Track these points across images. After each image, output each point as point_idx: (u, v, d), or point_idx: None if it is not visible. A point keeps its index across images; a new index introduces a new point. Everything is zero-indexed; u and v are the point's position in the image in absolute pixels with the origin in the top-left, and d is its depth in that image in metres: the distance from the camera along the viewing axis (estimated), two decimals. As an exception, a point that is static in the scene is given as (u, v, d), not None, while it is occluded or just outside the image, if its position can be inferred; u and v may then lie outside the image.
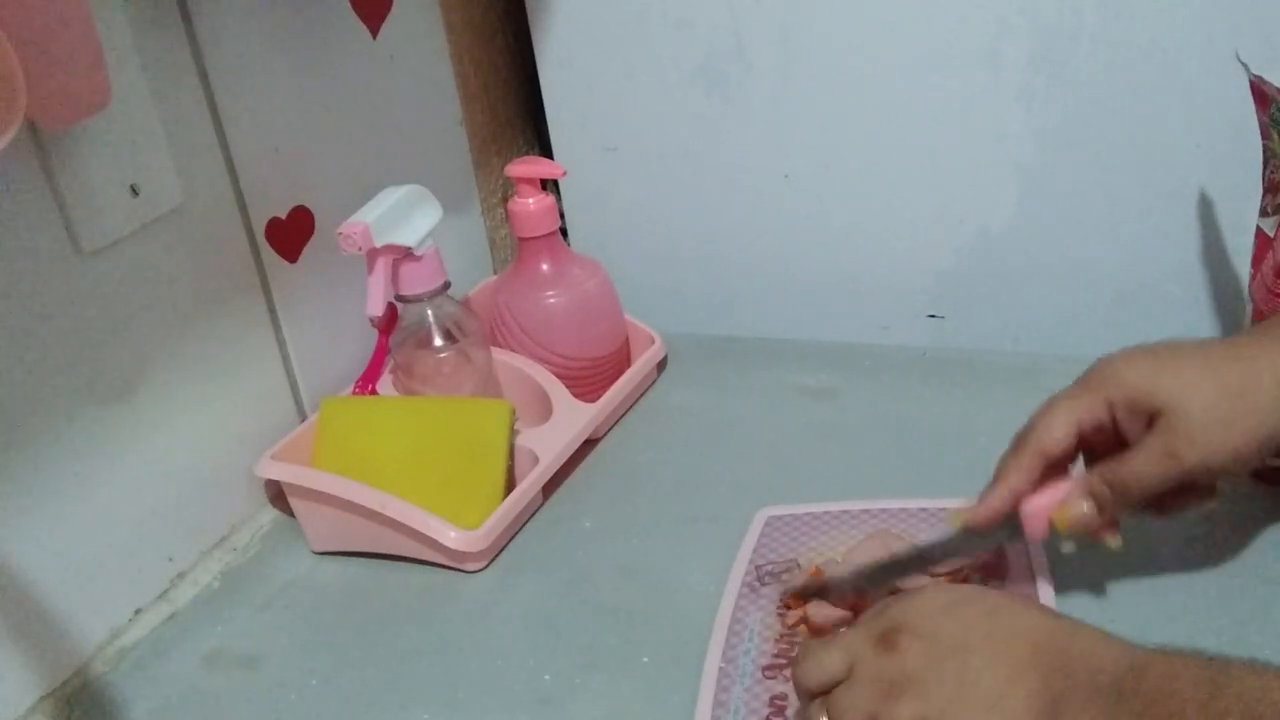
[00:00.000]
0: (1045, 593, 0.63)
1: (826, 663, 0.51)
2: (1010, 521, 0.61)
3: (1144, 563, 0.66)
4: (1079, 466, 0.61)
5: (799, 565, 0.68)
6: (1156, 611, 0.63)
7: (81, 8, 0.60)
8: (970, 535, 0.62)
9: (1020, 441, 0.60)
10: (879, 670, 0.49)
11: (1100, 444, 0.59)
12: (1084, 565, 0.65)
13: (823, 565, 0.67)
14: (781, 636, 0.63)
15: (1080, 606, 0.63)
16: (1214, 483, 0.59)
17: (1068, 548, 0.63)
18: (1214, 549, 0.66)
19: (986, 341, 0.95)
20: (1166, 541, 0.67)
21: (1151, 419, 0.56)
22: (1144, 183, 0.86)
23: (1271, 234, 0.70)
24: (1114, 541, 0.60)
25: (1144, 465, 0.56)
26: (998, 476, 0.60)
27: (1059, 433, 0.58)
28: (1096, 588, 0.65)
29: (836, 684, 0.51)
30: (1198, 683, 0.43)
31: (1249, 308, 0.75)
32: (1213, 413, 0.54)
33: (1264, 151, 0.72)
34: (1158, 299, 0.89)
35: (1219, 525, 0.68)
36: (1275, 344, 0.55)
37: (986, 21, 0.84)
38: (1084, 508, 0.58)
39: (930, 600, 0.52)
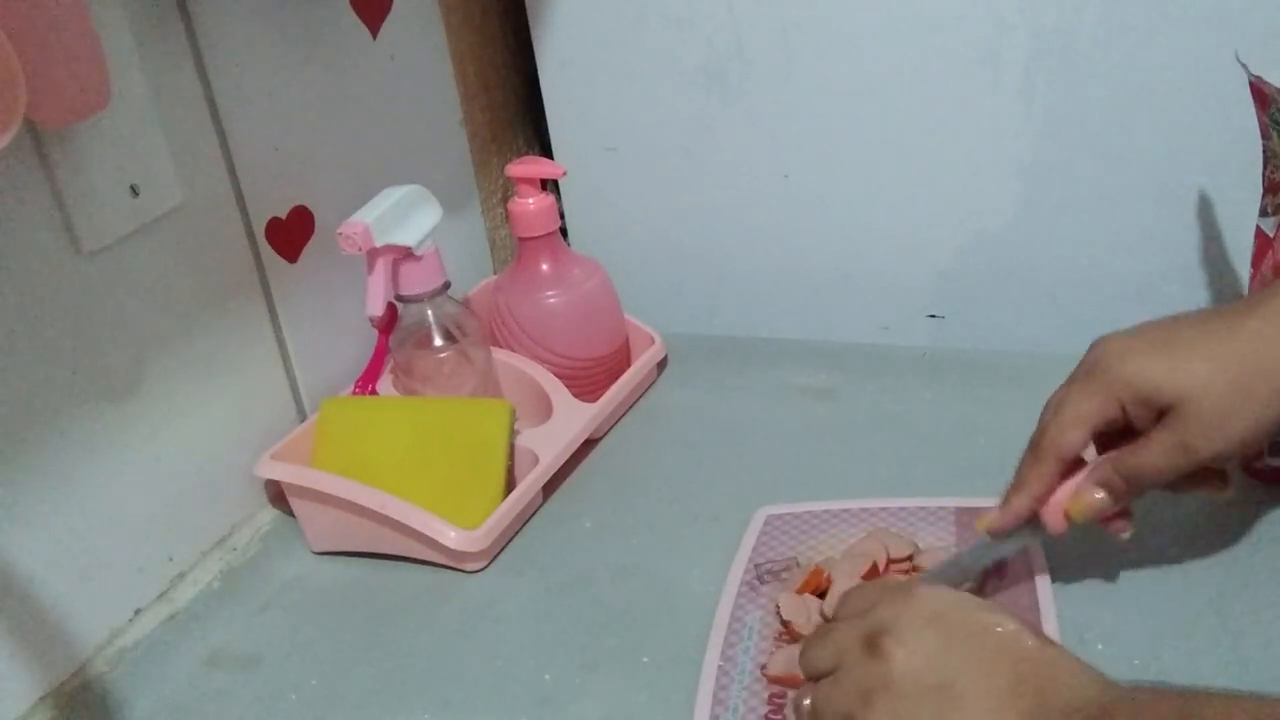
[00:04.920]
0: (1044, 594, 0.63)
1: (816, 658, 0.54)
2: (1030, 521, 0.62)
3: (1143, 562, 0.66)
4: (1090, 451, 0.61)
5: (798, 564, 0.68)
6: (1155, 611, 0.63)
7: (81, 7, 0.60)
8: (994, 541, 0.63)
9: (1037, 448, 0.61)
10: (862, 673, 0.51)
11: (1110, 432, 0.60)
12: (1083, 566, 0.65)
13: (823, 564, 0.67)
14: (781, 635, 0.63)
15: (1079, 607, 0.63)
16: (1225, 468, 0.60)
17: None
18: (1213, 548, 0.66)
19: (986, 341, 0.95)
20: (1166, 541, 0.67)
21: (1161, 412, 0.57)
22: (1144, 183, 0.86)
23: (1271, 234, 0.70)
24: (1126, 532, 0.61)
25: (1157, 457, 0.57)
26: (1018, 484, 0.62)
27: (1074, 437, 0.59)
28: (1095, 588, 0.65)
29: (825, 675, 0.53)
30: (1167, 715, 0.44)
31: (1249, 307, 0.75)
32: (1223, 404, 0.55)
33: (1264, 151, 0.72)
34: (1158, 299, 0.89)
35: (1218, 524, 0.68)
36: (1272, 325, 0.56)
37: (986, 21, 0.84)
38: (1098, 496, 0.60)
39: (917, 608, 0.52)
